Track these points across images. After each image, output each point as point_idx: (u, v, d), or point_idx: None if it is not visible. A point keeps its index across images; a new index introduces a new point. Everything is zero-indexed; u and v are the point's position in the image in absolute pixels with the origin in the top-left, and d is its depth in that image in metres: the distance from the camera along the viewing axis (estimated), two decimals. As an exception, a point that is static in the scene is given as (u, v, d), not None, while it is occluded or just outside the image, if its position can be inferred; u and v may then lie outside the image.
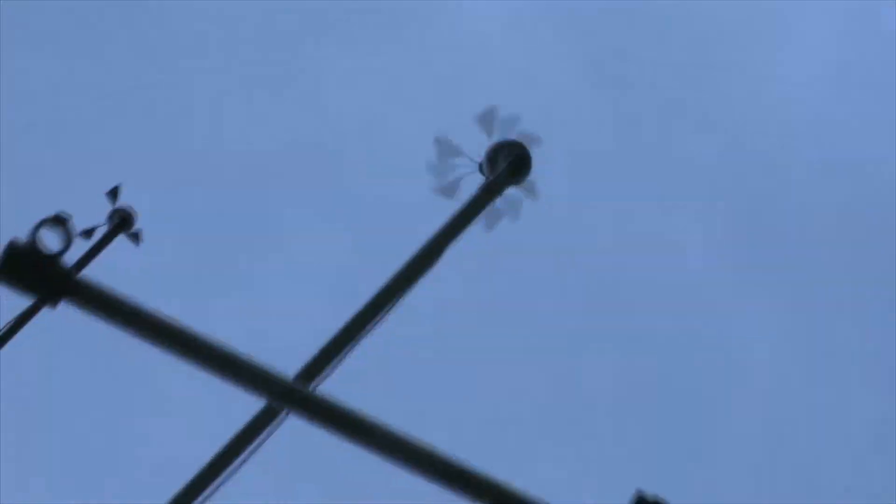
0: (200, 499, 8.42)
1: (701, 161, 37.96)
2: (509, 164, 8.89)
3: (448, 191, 8.95)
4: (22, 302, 8.99)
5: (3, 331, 11.14)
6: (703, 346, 36.36)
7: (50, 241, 6.16)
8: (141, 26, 35.56)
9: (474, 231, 8.99)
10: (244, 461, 8.52)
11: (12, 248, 6.07)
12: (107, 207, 11.94)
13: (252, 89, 36.36)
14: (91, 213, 12.14)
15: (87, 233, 11.39)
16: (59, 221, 6.17)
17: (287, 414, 7.89)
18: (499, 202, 9.02)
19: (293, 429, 8.01)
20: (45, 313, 9.98)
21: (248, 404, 8.47)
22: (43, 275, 6.14)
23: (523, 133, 9.11)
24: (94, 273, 6.47)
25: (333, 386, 8.45)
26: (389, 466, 6.55)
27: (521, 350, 34.45)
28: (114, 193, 11.85)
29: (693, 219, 37.68)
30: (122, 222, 11.78)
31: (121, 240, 11.85)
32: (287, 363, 7.90)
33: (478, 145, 9.19)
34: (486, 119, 9.08)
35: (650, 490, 5.99)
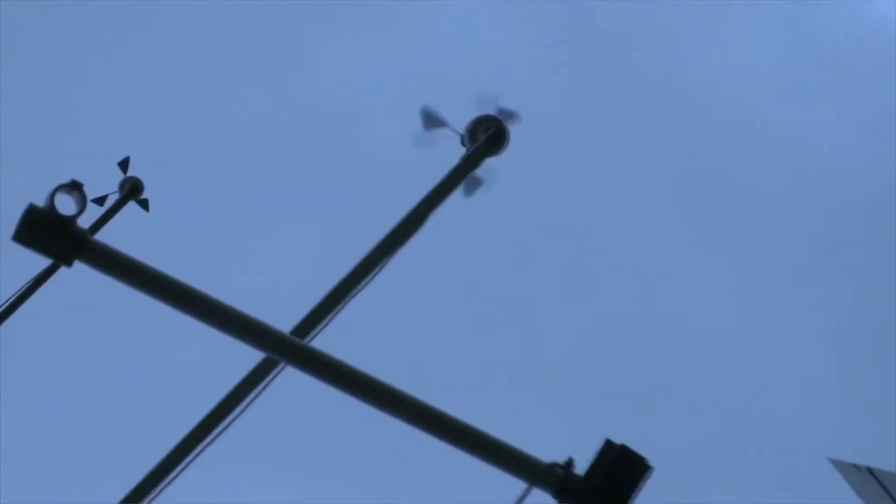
0: (204, 443, 8.54)
1: (659, 135, 38.76)
2: (488, 137, 9.10)
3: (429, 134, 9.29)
4: (41, 262, 9.11)
5: (21, 290, 11.51)
6: (658, 299, 37.19)
7: (65, 205, 6.29)
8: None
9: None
10: (245, 409, 8.65)
11: (31, 211, 6.20)
12: (119, 177, 12.32)
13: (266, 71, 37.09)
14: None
15: (100, 200, 11.78)
16: (74, 187, 6.34)
17: (284, 365, 8.00)
18: (477, 172, 9.20)
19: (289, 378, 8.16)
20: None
21: (249, 357, 8.59)
22: (59, 236, 6.26)
23: (503, 110, 9.31)
24: (107, 236, 6.62)
25: (326, 340, 8.54)
26: (376, 413, 6.62)
27: (493, 309, 35.04)
28: (124, 165, 12.19)
29: (649, 187, 38.51)
30: (132, 190, 12.17)
31: (131, 206, 12.23)
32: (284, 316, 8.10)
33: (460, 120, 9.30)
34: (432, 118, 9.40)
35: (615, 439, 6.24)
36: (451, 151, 9.29)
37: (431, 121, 9.31)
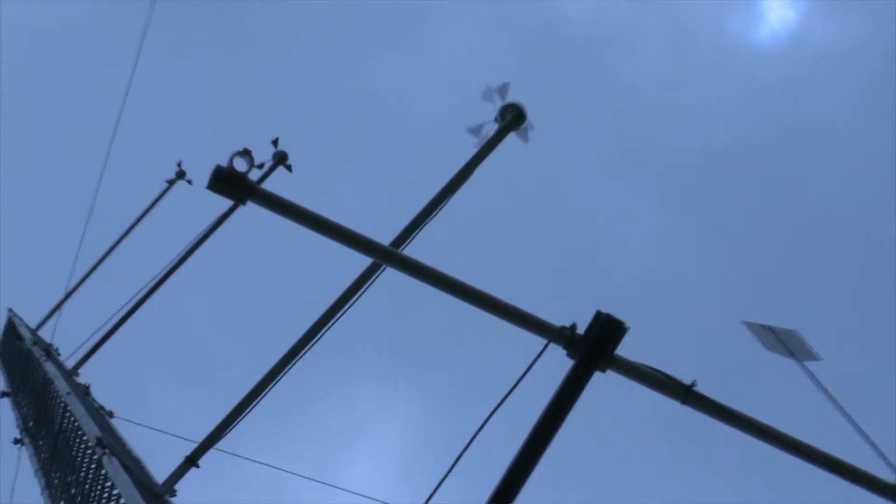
0: (331, 323, 9.55)
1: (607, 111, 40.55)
2: (513, 116, 10.13)
3: (475, 132, 10.17)
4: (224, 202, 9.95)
5: (213, 224, 13.18)
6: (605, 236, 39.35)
7: (240, 165, 7.29)
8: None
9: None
10: (355, 302, 9.80)
11: (218, 169, 7.19)
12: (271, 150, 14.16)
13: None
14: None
15: (261, 165, 13.75)
16: (245, 153, 7.39)
17: (384, 268, 9.08)
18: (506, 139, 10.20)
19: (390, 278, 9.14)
20: (239, 211, 11.46)
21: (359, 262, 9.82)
22: (237, 185, 7.18)
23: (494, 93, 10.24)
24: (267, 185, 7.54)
25: (416, 248, 9.65)
26: (460, 305, 7.19)
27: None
28: (275, 142, 14.03)
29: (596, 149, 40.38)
30: (281, 158, 13.97)
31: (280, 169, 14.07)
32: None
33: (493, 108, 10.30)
34: (492, 92, 10.18)
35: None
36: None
37: (490, 94, 10.14)
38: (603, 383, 6.78)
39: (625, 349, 6.84)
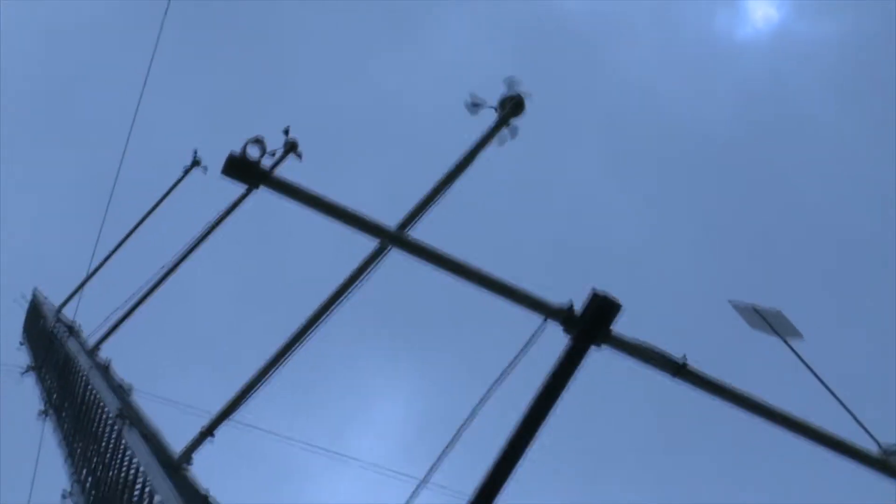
0: (340, 301, 9.56)
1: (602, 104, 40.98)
2: (512, 106, 10.08)
3: (472, 108, 10.07)
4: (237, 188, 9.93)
5: (227, 208, 13.12)
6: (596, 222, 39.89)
7: (253, 152, 7.34)
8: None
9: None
10: (361, 283, 9.80)
11: (232, 156, 7.24)
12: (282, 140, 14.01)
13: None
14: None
15: (272, 153, 13.47)
16: (258, 141, 7.40)
17: (390, 249, 9.08)
18: (506, 129, 10.15)
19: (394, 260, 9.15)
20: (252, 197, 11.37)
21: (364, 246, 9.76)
22: (250, 172, 7.24)
23: (520, 90, 10.16)
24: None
25: (423, 230, 9.68)
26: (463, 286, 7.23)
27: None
28: (286, 131, 13.84)
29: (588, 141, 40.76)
30: (291, 147, 13.75)
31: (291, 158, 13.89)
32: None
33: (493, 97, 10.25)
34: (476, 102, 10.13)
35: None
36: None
37: (476, 105, 10.10)
38: (594, 372, 6.75)
39: (618, 327, 6.79)
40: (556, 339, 6.76)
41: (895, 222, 35.68)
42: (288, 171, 7.75)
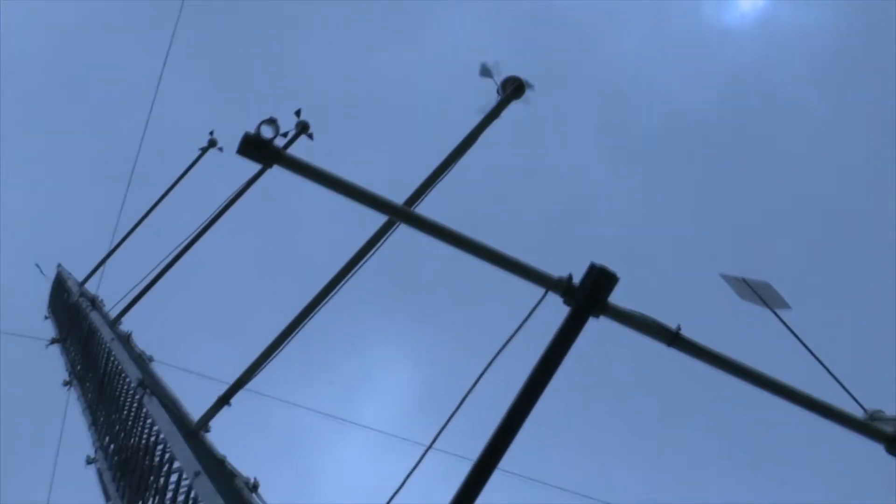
0: (351, 274, 9.49)
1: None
2: (513, 88, 9.96)
3: (486, 72, 9.83)
4: (252, 167, 9.92)
5: (242, 186, 13.06)
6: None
7: (266, 132, 7.17)
8: None
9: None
10: (371, 257, 9.77)
11: (246, 136, 7.10)
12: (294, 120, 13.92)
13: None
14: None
15: (285, 134, 13.47)
16: (271, 121, 7.28)
17: (398, 225, 9.09)
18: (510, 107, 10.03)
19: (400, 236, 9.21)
20: (269, 173, 11.29)
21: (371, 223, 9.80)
22: (264, 151, 7.12)
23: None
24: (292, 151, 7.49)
25: (428, 206, 9.64)
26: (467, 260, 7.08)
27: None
28: (298, 113, 13.76)
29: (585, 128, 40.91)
30: (303, 128, 13.69)
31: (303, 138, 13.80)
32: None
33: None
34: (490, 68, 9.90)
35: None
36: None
37: (487, 72, 9.88)
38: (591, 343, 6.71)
39: (615, 298, 6.72)
40: (555, 312, 6.70)
41: (874, 196, 35.83)
42: (300, 150, 7.69)
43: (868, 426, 6.98)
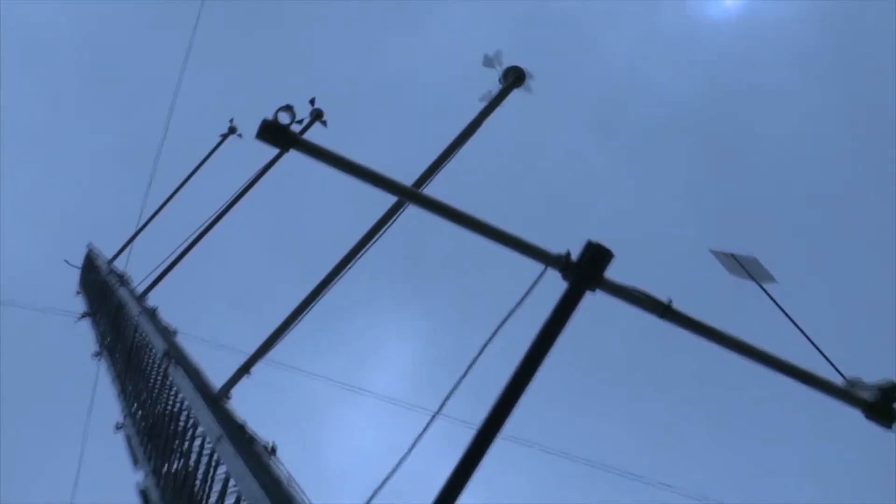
0: (363, 251, 9.44)
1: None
2: (515, 77, 9.93)
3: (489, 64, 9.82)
4: (269, 151, 9.83)
5: (261, 170, 12.98)
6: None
7: (283, 118, 7.30)
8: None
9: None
10: (382, 234, 9.72)
11: (265, 122, 7.09)
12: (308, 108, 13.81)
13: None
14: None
15: (300, 121, 13.39)
16: (288, 108, 7.36)
17: (407, 206, 9.06)
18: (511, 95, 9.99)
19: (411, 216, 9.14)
20: (284, 158, 11.24)
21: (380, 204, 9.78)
22: (281, 136, 7.10)
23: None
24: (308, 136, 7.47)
25: (436, 188, 9.62)
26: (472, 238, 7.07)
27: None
28: (312, 101, 13.63)
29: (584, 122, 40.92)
30: (317, 115, 13.55)
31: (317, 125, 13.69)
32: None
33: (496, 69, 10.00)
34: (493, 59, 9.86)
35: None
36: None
37: (490, 62, 9.86)
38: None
39: (610, 273, 6.71)
40: (554, 288, 6.68)
41: (854, 177, 35.86)
42: (314, 136, 7.66)
43: (847, 393, 6.96)
